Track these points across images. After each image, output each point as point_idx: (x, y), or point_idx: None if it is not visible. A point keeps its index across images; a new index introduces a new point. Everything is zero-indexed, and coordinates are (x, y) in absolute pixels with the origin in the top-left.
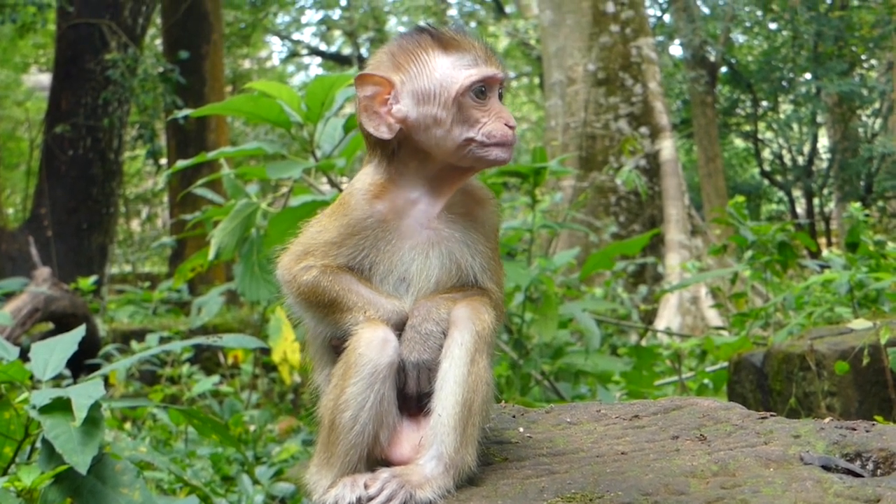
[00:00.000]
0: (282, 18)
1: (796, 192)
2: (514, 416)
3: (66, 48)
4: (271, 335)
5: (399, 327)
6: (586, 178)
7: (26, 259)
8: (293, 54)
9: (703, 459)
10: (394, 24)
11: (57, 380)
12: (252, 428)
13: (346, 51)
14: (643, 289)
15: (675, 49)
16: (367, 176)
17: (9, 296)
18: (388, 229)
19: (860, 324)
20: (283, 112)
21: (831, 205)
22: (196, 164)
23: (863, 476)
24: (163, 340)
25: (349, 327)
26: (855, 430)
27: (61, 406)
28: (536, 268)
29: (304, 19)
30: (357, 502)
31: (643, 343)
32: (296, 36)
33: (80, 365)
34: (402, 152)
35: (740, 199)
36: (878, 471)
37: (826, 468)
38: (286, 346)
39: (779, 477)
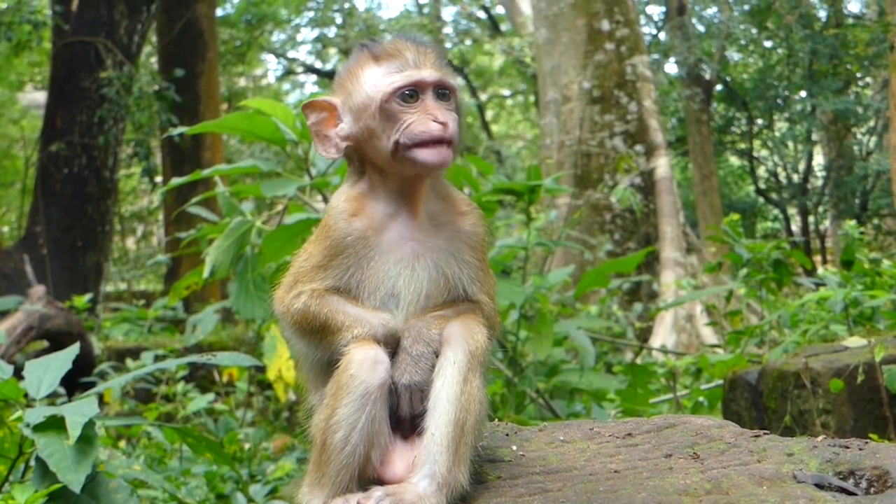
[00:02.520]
0: (277, 36)
1: (791, 210)
2: (507, 435)
3: (62, 66)
4: (266, 353)
5: (389, 342)
6: (581, 195)
7: (21, 277)
8: (289, 72)
9: (696, 478)
10: None
11: (52, 398)
12: (247, 446)
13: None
14: (638, 306)
15: (671, 67)
16: (343, 194)
17: (3, 314)
18: (370, 245)
19: (855, 341)
20: (278, 130)
21: (826, 222)
22: (191, 181)
23: (856, 494)
24: (158, 358)
25: (342, 348)
26: (848, 448)
27: (55, 424)
28: (531, 285)
29: (299, 37)
30: None
31: (638, 361)
32: (291, 54)
33: (75, 383)
34: (367, 169)
35: (735, 216)
36: (872, 489)
37: (819, 486)
38: (281, 364)
39: (772, 495)
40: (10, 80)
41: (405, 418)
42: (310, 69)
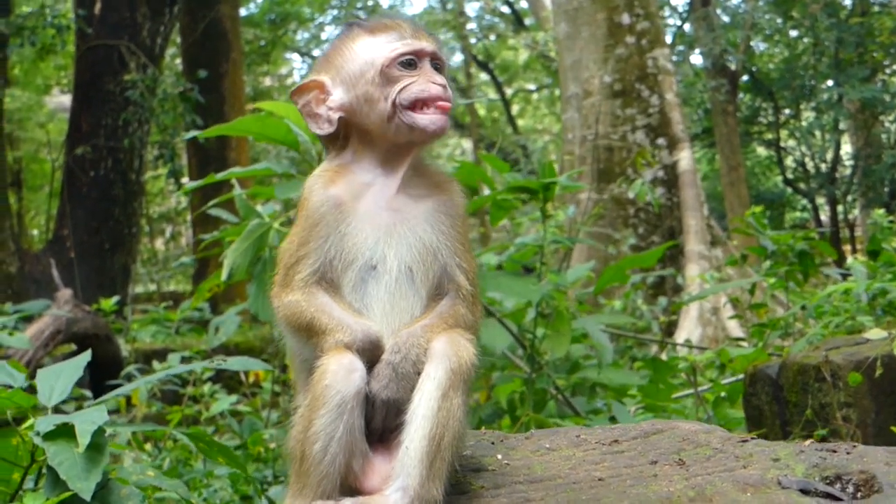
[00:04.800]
0: (301, 35)
1: (820, 200)
2: (492, 443)
3: (86, 70)
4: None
5: (369, 348)
6: (605, 190)
7: (49, 281)
8: None
9: (680, 485)
10: None
11: (79, 401)
12: (273, 446)
13: None
14: (663, 300)
15: (696, 58)
16: (319, 169)
17: (31, 318)
18: (347, 212)
19: (876, 333)
20: (291, 131)
21: (856, 211)
22: (211, 183)
23: (842, 500)
24: (184, 360)
25: (322, 352)
26: (836, 452)
27: (66, 432)
28: (547, 283)
29: (323, 36)
30: None
31: (663, 356)
32: (316, 52)
33: (103, 386)
34: (351, 141)
35: (758, 208)
36: (859, 494)
37: (804, 492)
38: None
39: (755, 502)
40: (36, 84)
41: (376, 430)
42: None
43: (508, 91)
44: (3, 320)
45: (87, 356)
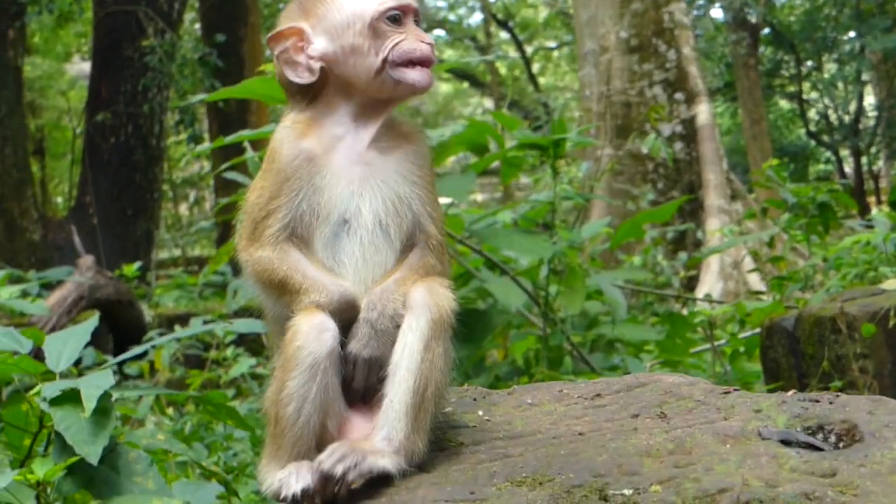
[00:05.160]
0: None
1: (844, 152)
2: (475, 399)
3: (104, 36)
4: None
5: (345, 308)
6: (622, 146)
7: (72, 248)
8: None
9: (660, 438)
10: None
11: (101, 367)
12: None
13: None
14: (684, 255)
15: (716, 12)
16: (288, 120)
17: (54, 285)
18: (319, 165)
19: (892, 284)
20: None
21: (880, 163)
22: (233, 147)
23: (823, 450)
24: (206, 324)
25: (297, 310)
26: (818, 402)
27: (73, 397)
28: (560, 240)
29: None
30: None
31: (684, 311)
32: None
33: (126, 352)
34: (325, 93)
35: (774, 161)
36: (840, 443)
37: (785, 443)
38: None
39: (735, 453)
40: (56, 51)
41: (358, 389)
42: None
43: (529, 49)
44: (25, 287)
45: (94, 321)
